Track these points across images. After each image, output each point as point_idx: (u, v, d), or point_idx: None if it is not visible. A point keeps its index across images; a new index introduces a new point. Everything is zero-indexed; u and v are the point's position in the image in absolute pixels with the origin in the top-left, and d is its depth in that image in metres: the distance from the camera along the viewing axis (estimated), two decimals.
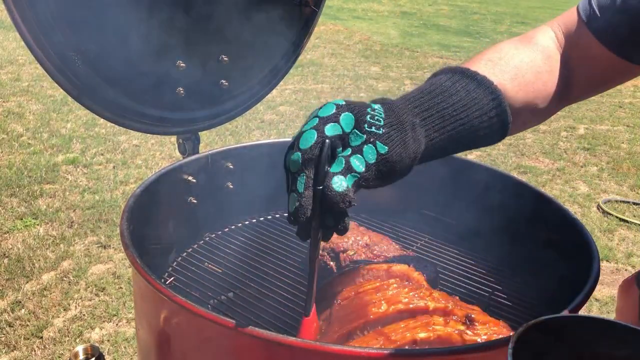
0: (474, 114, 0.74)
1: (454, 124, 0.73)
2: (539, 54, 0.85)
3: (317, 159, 0.65)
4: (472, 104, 0.74)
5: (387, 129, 0.67)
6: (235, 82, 1.29)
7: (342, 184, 0.64)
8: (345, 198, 0.65)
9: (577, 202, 3.75)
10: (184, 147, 1.30)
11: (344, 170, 0.65)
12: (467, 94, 0.74)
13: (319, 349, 0.69)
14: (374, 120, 0.67)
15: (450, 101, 0.73)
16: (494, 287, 1.12)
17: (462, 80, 0.75)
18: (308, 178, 0.65)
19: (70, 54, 1.00)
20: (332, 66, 6.83)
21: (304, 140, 0.66)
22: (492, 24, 10.72)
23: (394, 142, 0.67)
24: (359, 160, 0.66)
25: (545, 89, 0.84)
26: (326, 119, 0.67)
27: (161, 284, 0.78)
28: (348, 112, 0.68)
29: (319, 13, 1.36)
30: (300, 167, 0.66)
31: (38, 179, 3.58)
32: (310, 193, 0.65)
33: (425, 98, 0.73)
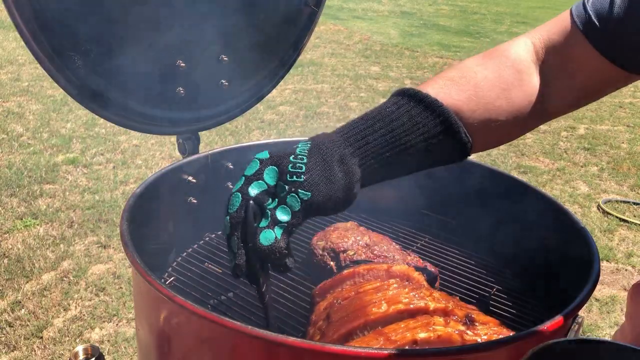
0: (417, 138, 0.74)
1: (394, 149, 0.73)
2: (508, 68, 0.81)
3: (243, 221, 0.71)
4: (415, 129, 0.74)
5: (309, 174, 0.70)
6: (235, 82, 1.29)
7: (269, 237, 0.69)
8: (275, 249, 0.69)
9: (577, 202, 3.75)
10: (184, 147, 1.30)
11: (271, 223, 0.70)
12: (409, 118, 0.74)
13: (319, 349, 0.69)
14: (295, 168, 0.71)
15: (390, 128, 0.73)
16: (494, 287, 1.12)
17: (407, 105, 0.75)
18: (239, 239, 0.71)
19: (70, 54, 1.00)
20: (332, 66, 6.83)
21: (231, 205, 0.73)
22: (492, 24, 10.72)
23: (316, 185, 0.70)
24: (283, 211, 0.70)
25: (510, 104, 0.80)
26: (250, 178, 0.73)
27: (161, 284, 0.78)
28: (271, 166, 0.73)
29: (319, 13, 1.36)
30: (231, 230, 0.72)
31: (38, 179, 3.58)
32: (243, 251, 0.71)
33: (363, 126, 0.74)
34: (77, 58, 1.01)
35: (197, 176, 1.22)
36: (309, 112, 5.16)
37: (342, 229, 1.19)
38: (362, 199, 1.39)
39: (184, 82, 1.19)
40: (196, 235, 1.26)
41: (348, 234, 1.17)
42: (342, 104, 5.50)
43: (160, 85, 1.17)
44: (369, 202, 1.39)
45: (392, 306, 0.86)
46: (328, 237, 1.16)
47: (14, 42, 6.61)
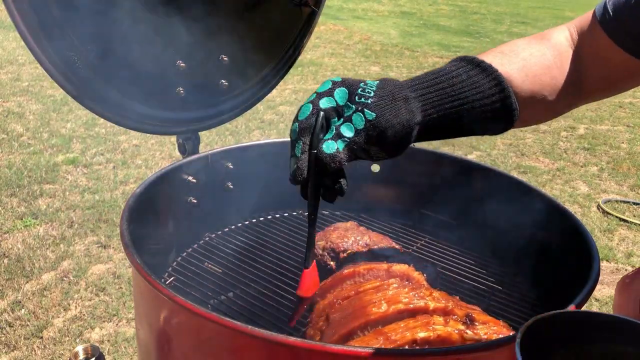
0: (474, 96, 0.79)
1: (453, 102, 0.78)
2: (550, 49, 0.89)
3: (312, 127, 0.75)
4: (473, 87, 0.79)
5: (376, 98, 0.75)
6: (235, 82, 1.29)
7: (332, 146, 0.74)
8: (335, 158, 0.74)
9: (577, 202, 3.75)
10: (184, 147, 1.30)
11: (335, 136, 0.75)
12: (468, 77, 0.79)
13: (319, 349, 0.69)
14: (365, 92, 0.76)
15: (450, 82, 0.78)
16: (494, 287, 1.12)
17: (466, 67, 0.81)
18: (304, 144, 0.76)
19: (70, 54, 1.00)
20: (332, 66, 6.84)
21: (302, 113, 0.77)
22: (492, 24, 10.72)
23: (382, 109, 0.75)
24: (348, 127, 0.75)
25: (553, 82, 0.87)
26: (322, 93, 0.77)
27: (161, 284, 0.78)
28: (342, 87, 0.78)
29: (319, 13, 1.36)
30: (298, 135, 0.76)
31: (38, 179, 3.58)
32: (306, 156, 0.75)
33: (427, 78, 0.80)
34: (77, 58, 1.01)
35: (197, 176, 1.22)
36: None
37: (342, 229, 1.19)
38: (362, 198, 1.39)
39: (184, 82, 1.19)
40: (196, 235, 1.26)
41: (348, 234, 1.17)
42: None
43: (160, 85, 1.17)
44: (369, 202, 1.40)
45: (392, 306, 0.86)
46: (328, 237, 1.16)
47: (14, 42, 6.60)
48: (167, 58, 1.15)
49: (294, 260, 1.19)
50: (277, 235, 1.29)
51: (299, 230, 1.30)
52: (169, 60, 1.15)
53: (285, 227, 1.32)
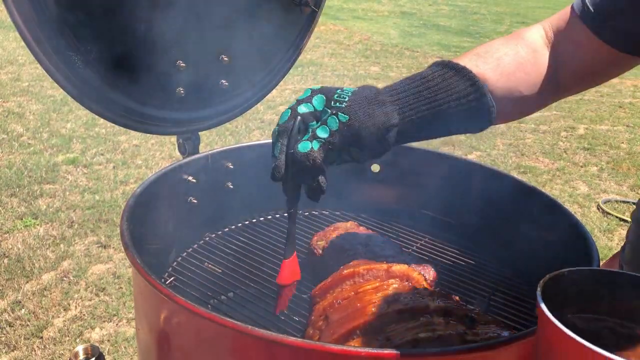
0: (450, 97, 0.83)
1: (430, 104, 0.83)
2: (524, 47, 0.94)
3: (290, 130, 0.82)
4: (448, 88, 0.83)
5: (350, 102, 0.81)
6: (235, 82, 1.29)
7: (306, 146, 0.80)
8: (309, 156, 0.79)
9: (577, 202, 3.75)
10: (184, 147, 1.30)
11: (310, 137, 0.81)
12: (443, 80, 0.84)
13: (319, 349, 0.69)
14: (340, 97, 0.82)
15: (426, 85, 0.83)
16: (494, 287, 1.12)
17: (440, 70, 0.85)
18: (282, 145, 0.82)
19: (71, 54, 1.00)
20: (332, 66, 6.84)
21: (282, 117, 0.84)
22: (492, 24, 10.72)
23: (355, 112, 0.80)
24: (323, 129, 0.81)
25: (528, 78, 0.92)
26: (301, 100, 0.84)
27: (161, 284, 0.78)
28: (320, 94, 0.84)
29: (319, 13, 1.36)
30: (277, 137, 0.83)
31: (38, 179, 3.58)
32: (283, 156, 0.82)
33: (403, 83, 0.85)
34: (77, 58, 1.01)
35: (197, 176, 1.22)
36: None
37: (342, 229, 1.20)
38: (362, 198, 1.39)
39: (184, 82, 1.19)
40: (196, 235, 1.26)
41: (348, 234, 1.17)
42: None
43: (160, 86, 1.17)
44: (369, 202, 1.40)
45: (391, 306, 0.86)
46: (328, 237, 1.16)
47: (14, 42, 6.61)
48: (167, 58, 1.15)
49: None
50: (277, 235, 1.29)
51: (299, 230, 1.30)
52: (169, 60, 1.15)
53: (285, 227, 1.31)
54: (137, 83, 1.12)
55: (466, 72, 0.85)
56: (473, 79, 0.85)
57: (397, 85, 0.85)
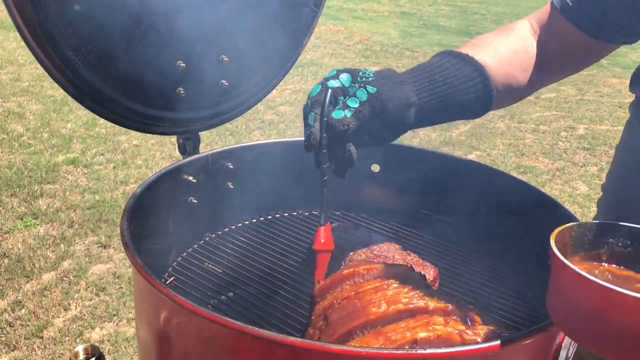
0: (458, 80, 0.91)
1: (442, 87, 0.90)
2: (515, 37, 1.05)
3: (322, 101, 0.87)
4: (456, 73, 0.91)
5: (375, 78, 0.89)
6: (235, 82, 1.29)
7: (340, 113, 0.86)
8: (344, 121, 0.85)
9: (577, 202, 3.75)
10: (184, 147, 1.30)
11: (342, 107, 0.87)
12: (452, 65, 0.92)
13: (319, 348, 0.70)
14: (365, 74, 0.90)
15: (437, 70, 0.91)
16: (494, 287, 1.12)
17: (448, 57, 0.94)
18: (316, 114, 0.88)
19: (71, 54, 1.00)
20: (332, 66, 6.83)
21: (313, 91, 0.90)
22: (492, 24, 10.71)
23: (382, 85, 0.87)
24: (353, 100, 0.87)
25: (521, 64, 1.02)
26: (329, 77, 0.91)
27: (161, 284, 0.78)
28: (345, 72, 0.91)
29: (319, 13, 1.36)
30: (310, 107, 0.89)
31: (38, 179, 3.58)
32: (318, 124, 0.87)
33: (416, 69, 0.92)
34: (77, 58, 1.01)
35: (197, 176, 1.23)
36: None
37: (342, 229, 1.20)
38: (363, 198, 1.39)
39: (184, 82, 1.19)
40: (196, 235, 1.26)
41: (348, 234, 1.17)
42: None
43: (160, 86, 1.17)
44: (369, 202, 1.40)
45: (391, 306, 0.87)
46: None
47: (14, 42, 6.61)
48: (167, 58, 1.15)
49: (294, 260, 1.19)
50: (277, 235, 1.29)
51: (299, 230, 1.31)
52: (169, 60, 1.16)
53: (285, 227, 1.32)
54: (137, 83, 1.12)
55: (469, 59, 0.93)
56: (476, 64, 0.93)
57: (412, 70, 0.92)
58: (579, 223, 0.75)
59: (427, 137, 4.73)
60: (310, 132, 0.87)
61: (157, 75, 1.15)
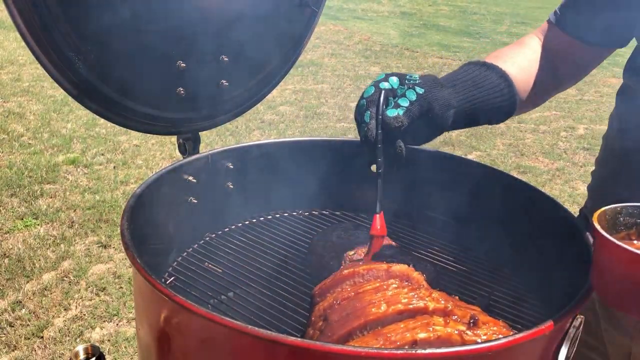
0: (489, 86, 1.00)
1: (475, 91, 0.99)
2: (528, 50, 1.17)
3: (377, 100, 0.94)
4: (486, 80, 1.00)
5: (422, 80, 0.96)
6: (235, 82, 1.29)
7: (393, 111, 0.93)
8: (398, 119, 0.92)
9: (577, 202, 3.75)
10: (184, 147, 1.30)
11: (394, 106, 0.94)
12: (480, 73, 1.01)
13: (319, 348, 0.70)
14: (412, 78, 0.97)
15: (470, 77, 1.00)
16: (494, 287, 1.12)
17: (474, 67, 1.02)
18: (372, 112, 0.94)
19: (71, 54, 1.00)
20: (332, 66, 6.84)
21: (367, 92, 0.96)
22: (492, 24, 10.72)
23: (429, 87, 0.95)
24: (403, 100, 0.94)
25: (536, 74, 1.13)
26: (379, 80, 0.97)
27: (161, 284, 0.78)
28: (393, 76, 0.97)
29: (319, 13, 1.36)
30: (366, 106, 0.95)
31: (38, 179, 3.58)
32: (374, 122, 0.93)
33: (450, 76, 1.01)
34: (77, 58, 1.01)
35: (197, 176, 1.23)
36: (309, 113, 5.17)
37: (342, 229, 1.20)
38: (362, 198, 1.39)
39: (184, 83, 1.19)
40: (196, 235, 1.26)
41: (348, 234, 1.17)
42: (342, 104, 5.50)
43: (160, 86, 1.17)
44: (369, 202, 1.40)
45: (391, 306, 0.86)
46: (328, 237, 1.16)
47: (14, 42, 6.61)
48: (168, 58, 1.15)
49: (294, 261, 1.19)
50: (277, 235, 1.29)
51: (299, 230, 1.31)
52: (169, 60, 1.16)
53: (285, 227, 1.32)
54: (137, 83, 1.12)
55: (495, 67, 1.02)
56: (502, 72, 1.02)
57: (446, 76, 1.01)
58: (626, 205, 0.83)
59: None
60: (367, 129, 0.93)
61: (157, 75, 1.15)
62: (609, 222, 0.82)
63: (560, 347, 0.79)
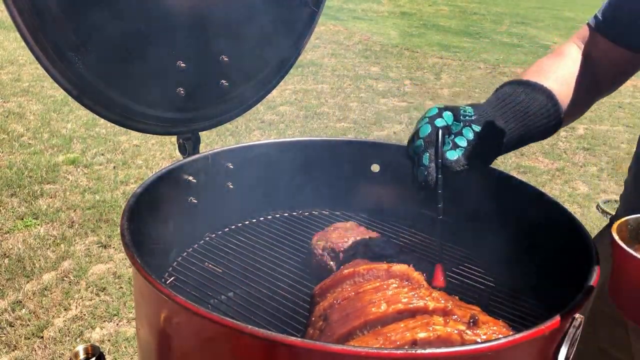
0: (536, 109, 0.97)
1: (523, 116, 0.96)
2: (569, 60, 1.12)
3: (435, 142, 0.90)
4: (534, 102, 0.98)
5: (477, 116, 0.94)
6: (235, 82, 1.29)
7: (453, 154, 0.90)
8: (459, 162, 0.90)
9: (577, 202, 3.75)
10: (184, 147, 1.30)
11: (452, 147, 0.91)
12: (526, 95, 0.98)
13: (319, 348, 0.70)
14: (466, 113, 0.94)
15: (516, 101, 0.97)
16: (494, 287, 1.12)
17: (520, 87, 0.99)
18: (430, 155, 0.90)
19: (70, 54, 1.00)
20: (332, 66, 6.84)
21: (423, 131, 0.92)
22: (492, 24, 10.72)
23: (483, 124, 0.93)
24: (460, 139, 0.91)
25: (578, 86, 1.09)
26: (434, 117, 0.93)
27: (161, 284, 0.78)
28: (447, 111, 0.94)
29: (319, 13, 1.36)
30: (424, 148, 0.91)
31: (38, 179, 3.58)
32: (434, 165, 0.90)
33: (498, 102, 0.98)
34: (77, 58, 1.01)
35: (197, 176, 1.23)
36: (309, 113, 5.17)
37: (342, 229, 1.20)
38: (363, 199, 1.39)
39: (184, 83, 1.19)
40: (196, 235, 1.26)
41: (348, 234, 1.17)
42: (342, 104, 5.50)
43: (160, 86, 1.17)
44: (369, 202, 1.40)
45: (391, 306, 0.87)
46: (328, 237, 1.17)
47: (14, 42, 6.61)
48: (168, 58, 1.15)
49: (294, 260, 1.19)
50: (277, 235, 1.29)
51: (299, 230, 1.31)
52: (169, 61, 1.16)
53: (285, 227, 1.32)
54: (137, 83, 1.12)
55: (540, 86, 1.00)
56: (547, 91, 0.99)
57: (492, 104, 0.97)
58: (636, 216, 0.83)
59: None
60: (428, 173, 0.90)
61: (157, 75, 1.15)
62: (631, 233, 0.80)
63: (560, 347, 0.79)
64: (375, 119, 5.13)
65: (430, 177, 0.90)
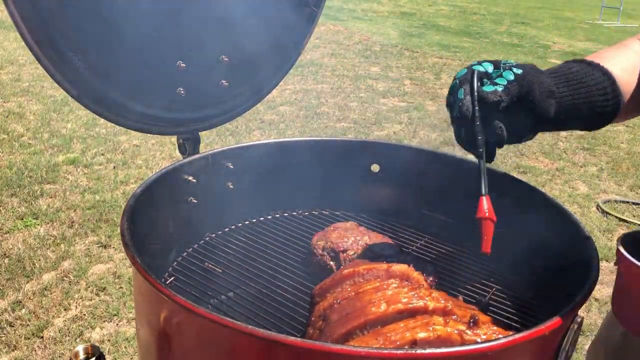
0: (591, 82, 0.91)
1: (577, 85, 0.90)
2: (632, 52, 1.06)
3: (470, 79, 0.88)
4: (589, 75, 0.92)
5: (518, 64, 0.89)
6: (235, 82, 1.29)
7: (491, 87, 0.86)
8: (496, 93, 0.85)
9: (577, 202, 3.75)
10: (184, 147, 1.30)
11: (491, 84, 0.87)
12: (581, 69, 0.93)
13: (319, 348, 0.70)
14: (508, 62, 0.90)
15: (571, 71, 0.92)
16: (493, 287, 1.12)
17: (574, 63, 0.94)
18: (465, 89, 0.87)
19: (70, 54, 1.00)
20: (332, 66, 6.84)
21: (459, 73, 0.90)
22: (492, 24, 10.72)
23: (527, 70, 0.88)
24: (500, 79, 0.87)
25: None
26: (473, 65, 0.91)
27: (161, 284, 0.78)
28: (487, 61, 0.92)
29: (319, 13, 1.36)
30: (458, 85, 0.88)
31: (38, 179, 3.58)
32: (469, 97, 0.86)
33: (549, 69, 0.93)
34: (77, 58, 1.01)
35: (197, 176, 1.23)
36: (309, 113, 5.17)
37: (342, 229, 1.20)
38: (362, 199, 1.39)
39: (184, 83, 1.19)
40: (196, 235, 1.26)
41: (348, 234, 1.17)
42: (342, 104, 5.50)
43: (160, 86, 1.17)
44: (369, 202, 1.40)
45: (391, 306, 0.87)
46: (328, 237, 1.17)
47: (14, 42, 6.61)
48: (168, 58, 1.15)
49: (294, 260, 1.19)
50: (277, 235, 1.29)
51: (299, 230, 1.31)
52: (169, 61, 1.16)
53: (285, 227, 1.32)
54: (137, 83, 1.12)
55: (597, 64, 0.94)
56: (605, 70, 0.94)
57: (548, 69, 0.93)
58: None
59: (427, 137, 4.73)
60: (462, 104, 0.86)
61: (157, 75, 1.15)
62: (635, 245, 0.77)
63: (560, 347, 0.79)
64: (375, 119, 5.13)
65: (465, 107, 0.86)
